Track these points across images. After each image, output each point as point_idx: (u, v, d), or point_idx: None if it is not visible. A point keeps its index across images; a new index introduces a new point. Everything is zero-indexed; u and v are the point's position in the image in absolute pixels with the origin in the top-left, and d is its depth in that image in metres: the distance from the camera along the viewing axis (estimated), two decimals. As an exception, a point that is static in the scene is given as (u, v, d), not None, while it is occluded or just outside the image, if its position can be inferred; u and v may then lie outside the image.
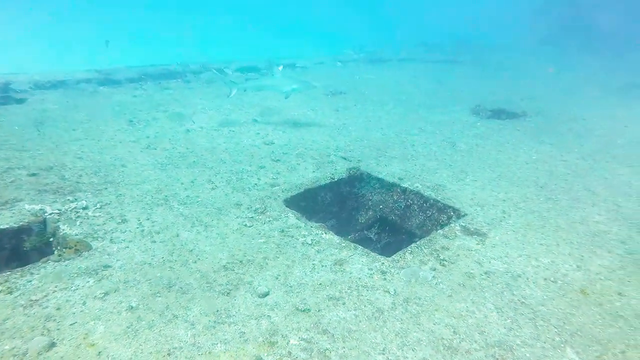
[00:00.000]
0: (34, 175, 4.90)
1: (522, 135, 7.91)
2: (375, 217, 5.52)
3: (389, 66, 16.01)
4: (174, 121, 7.39)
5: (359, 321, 3.01)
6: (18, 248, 3.80)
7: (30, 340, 2.64)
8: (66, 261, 3.45)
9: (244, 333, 2.83)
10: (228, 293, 3.21)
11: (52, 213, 4.08)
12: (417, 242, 4.10)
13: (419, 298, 3.30)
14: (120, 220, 4.11)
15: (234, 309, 3.05)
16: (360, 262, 3.70)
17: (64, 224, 3.95)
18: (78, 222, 4.01)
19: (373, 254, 3.86)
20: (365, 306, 3.16)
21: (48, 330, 2.75)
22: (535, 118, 9.18)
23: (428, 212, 5.05)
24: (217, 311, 3.02)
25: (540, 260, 3.93)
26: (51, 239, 3.82)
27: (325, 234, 4.13)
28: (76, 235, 3.80)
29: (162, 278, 3.34)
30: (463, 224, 4.47)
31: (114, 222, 4.08)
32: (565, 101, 11.01)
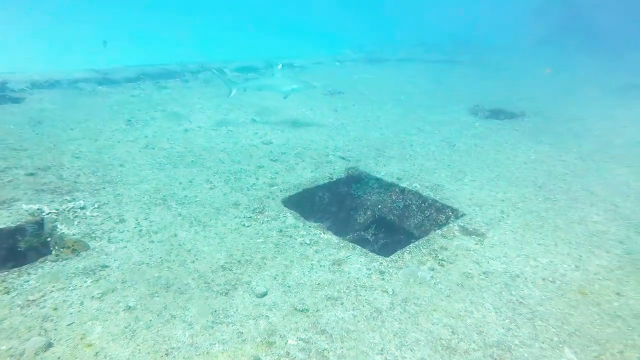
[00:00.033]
0: (31, 174, 4.88)
1: (520, 135, 7.92)
2: (373, 217, 5.52)
3: (387, 66, 16.01)
4: (172, 121, 7.38)
5: (357, 321, 3.00)
6: (15, 248, 3.79)
7: (27, 340, 2.63)
8: (64, 261, 3.44)
9: (242, 333, 2.83)
10: (226, 293, 3.21)
11: (50, 213, 4.07)
12: (416, 242, 4.10)
13: (418, 298, 3.30)
14: (118, 220, 4.10)
15: (232, 309, 3.05)
16: (358, 262, 3.70)
17: (62, 224, 3.94)
18: (76, 222, 4.00)
19: (371, 254, 3.85)
20: (363, 306, 3.16)
21: (45, 331, 2.74)
22: (533, 118, 9.19)
23: (426, 212, 5.05)
24: (215, 311, 3.01)
25: (539, 260, 3.93)
26: (49, 239, 3.81)
27: (324, 233, 4.12)
28: (74, 235, 3.79)
29: (160, 278, 3.33)
30: (461, 224, 4.47)
31: (112, 222, 4.06)
32: (564, 101, 11.02)
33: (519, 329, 3.05)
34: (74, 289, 3.14)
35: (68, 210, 4.16)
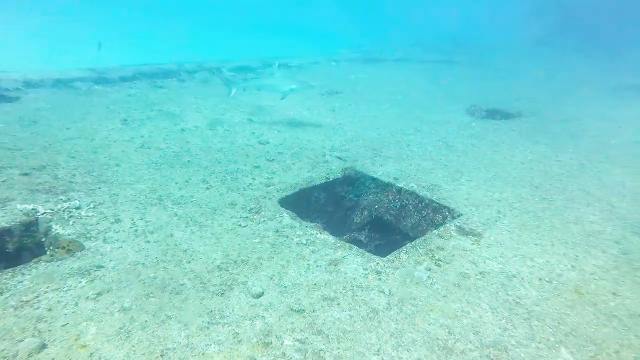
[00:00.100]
0: (26, 174, 4.85)
1: (517, 135, 7.93)
2: (370, 217, 5.51)
3: (384, 66, 16.01)
4: (168, 120, 7.35)
5: (354, 321, 2.99)
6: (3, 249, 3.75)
7: (21, 341, 2.60)
8: (58, 261, 3.41)
9: (238, 334, 2.81)
10: (222, 293, 3.19)
11: (45, 213, 4.04)
12: (412, 242, 4.10)
13: (414, 298, 3.29)
14: (113, 220, 4.08)
15: (227, 309, 3.03)
16: (355, 262, 3.69)
17: (57, 224, 3.91)
18: (71, 222, 3.97)
19: (368, 254, 3.85)
20: (360, 306, 3.15)
21: (39, 332, 2.71)
22: (530, 118, 9.21)
23: (423, 212, 5.05)
24: (211, 312, 2.99)
25: (535, 260, 3.93)
26: (43, 239, 3.79)
27: (320, 234, 4.11)
28: (69, 235, 3.77)
29: (156, 278, 3.31)
30: (458, 224, 4.47)
31: (107, 222, 4.04)
32: (560, 101, 11.05)
33: (516, 329, 3.05)
34: (69, 290, 3.11)
35: (63, 210, 4.14)
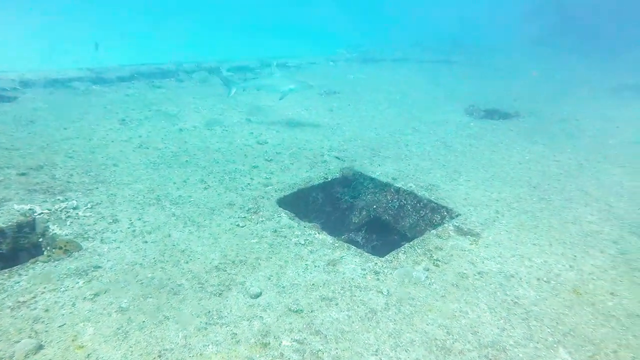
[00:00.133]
0: (23, 174, 4.83)
1: (515, 135, 7.94)
2: (368, 217, 5.51)
3: (383, 66, 16.02)
4: (166, 120, 7.33)
5: (352, 322, 2.99)
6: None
7: (17, 342, 2.59)
8: (55, 262, 3.40)
9: (236, 334, 2.80)
10: (220, 294, 3.18)
11: (42, 213, 4.02)
12: (411, 242, 4.09)
13: (412, 298, 3.29)
14: (111, 220, 4.07)
15: (225, 310, 3.02)
16: (353, 262, 3.69)
17: (54, 224, 3.90)
18: (68, 222, 3.96)
19: (366, 254, 3.84)
20: (358, 307, 3.15)
21: (36, 333, 2.70)
22: (528, 118, 9.22)
23: (421, 212, 5.04)
24: (209, 312, 2.98)
25: (533, 260, 3.93)
26: (40, 239, 3.77)
27: (318, 234, 4.11)
28: (66, 235, 3.75)
29: (154, 279, 3.30)
30: (456, 224, 4.46)
31: (105, 222, 4.03)
32: (558, 102, 11.07)
33: (514, 329, 3.05)
34: (66, 290, 3.10)
35: (60, 211, 4.12)
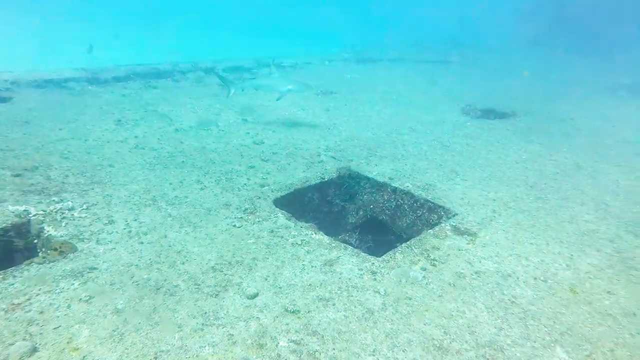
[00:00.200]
0: (18, 175, 4.79)
1: (511, 135, 7.95)
2: (365, 216, 5.50)
3: (379, 66, 16.01)
4: (162, 121, 7.30)
5: (349, 322, 2.98)
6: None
7: (11, 345, 2.57)
8: (50, 263, 3.37)
9: (233, 335, 2.79)
10: (216, 295, 3.17)
11: (37, 214, 3.99)
12: (408, 242, 4.09)
13: (410, 298, 3.28)
14: (107, 221, 4.04)
15: (222, 310, 3.01)
16: (350, 262, 3.68)
17: (49, 225, 3.87)
18: (63, 223, 3.93)
19: (363, 254, 3.83)
20: (355, 307, 3.14)
21: (30, 335, 2.68)
22: (524, 118, 9.24)
23: (418, 211, 5.04)
24: (205, 313, 2.97)
25: (530, 259, 3.94)
26: (35, 241, 3.74)
27: (315, 234, 4.10)
28: (61, 236, 3.73)
29: (150, 280, 3.28)
30: (453, 224, 4.46)
31: (101, 223, 4.00)
32: (554, 101, 11.10)
33: (511, 328, 3.05)
34: (61, 292, 3.08)
35: (56, 212, 4.09)
